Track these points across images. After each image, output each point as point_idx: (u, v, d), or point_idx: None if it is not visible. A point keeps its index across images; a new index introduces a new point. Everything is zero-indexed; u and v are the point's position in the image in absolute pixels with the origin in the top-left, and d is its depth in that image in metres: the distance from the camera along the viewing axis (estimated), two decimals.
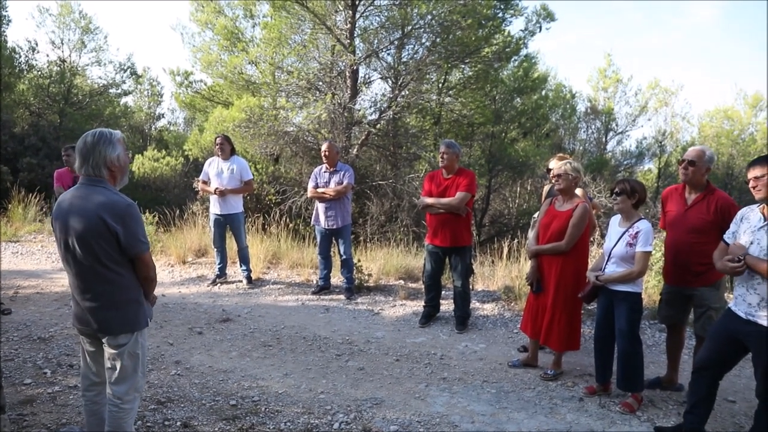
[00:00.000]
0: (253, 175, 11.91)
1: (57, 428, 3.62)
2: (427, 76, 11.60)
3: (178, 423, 3.70)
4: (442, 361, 4.87)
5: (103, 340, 2.87)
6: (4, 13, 17.45)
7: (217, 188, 6.98)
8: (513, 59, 12.99)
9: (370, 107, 11.56)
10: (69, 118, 19.17)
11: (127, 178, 2.96)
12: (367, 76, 11.49)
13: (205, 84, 12.34)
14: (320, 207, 6.76)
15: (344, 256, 6.79)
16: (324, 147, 6.76)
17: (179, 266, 8.51)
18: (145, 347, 3.00)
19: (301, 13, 9.98)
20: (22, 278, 7.89)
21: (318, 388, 4.30)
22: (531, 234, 4.98)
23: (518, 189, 18.20)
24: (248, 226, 9.21)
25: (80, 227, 2.69)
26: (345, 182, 6.63)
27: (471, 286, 6.22)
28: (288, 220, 9.76)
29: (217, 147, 7.19)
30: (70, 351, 5.08)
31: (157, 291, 7.08)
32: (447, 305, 6.19)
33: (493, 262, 8.13)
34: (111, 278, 2.77)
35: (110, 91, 20.56)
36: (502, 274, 7.28)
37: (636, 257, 3.90)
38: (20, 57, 18.24)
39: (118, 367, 2.86)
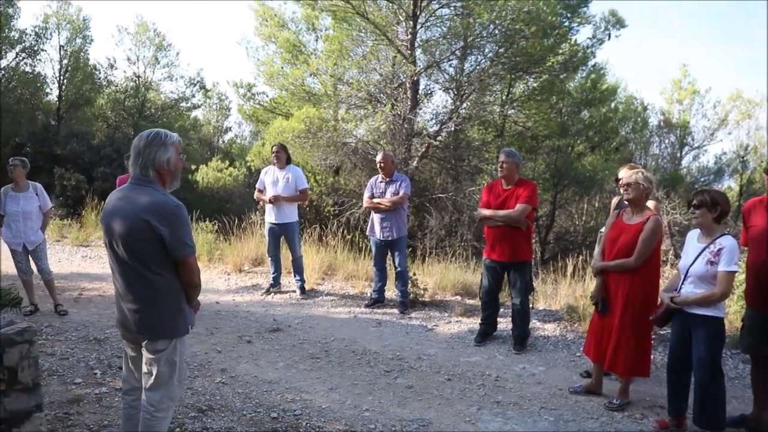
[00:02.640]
0: (312, 186, 12.05)
1: (99, 429, 3.59)
2: (490, 87, 11.32)
3: None
4: (497, 383, 4.56)
5: (143, 345, 2.80)
6: (87, 33, 18.57)
7: (272, 196, 6.99)
8: (580, 69, 12.49)
9: (431, 119, 11.39)
10: (141, 131, 20.10)
11: (178, 182, 2.88)
12: (428, 88, 11.34)
13: (267, 96, 12.61)
14: (376, 218, 6.61)
15: (399, 269, 6.59)
16: (379, 157, 6.62)
17: (235, 274, 8.57)
18: (184, 355, 2.91)
19: (362, 25, 9.98)
20: (87, 281, 8.16)
21: (363, 405, 4.10)
22: (597, 249, 4.61)
23: (585, 206, 17.46)
24: (305, 237, 9.20)
25: (123, 229, 2.64)
26: (401, 192, 6.45)
27: (531, 305, 5.86)
28: (346, 231, 9.68)
29: (273, 155, 7.21)
30: (121, 353, 5.04)
31: (212, 298, 7.22)
32: (505, 324, 5.85)
33: (556, 280, 7.71)
34: (154, 282, 2.70)
35: (181, 104, 21.41)
36: (566, 293, 6.86)
37: (718, 277, 3.49)
38: (100, 73, 19.33)
39: (154, 373, 2.78)
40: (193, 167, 14.08)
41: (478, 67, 11.17)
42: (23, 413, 2.77)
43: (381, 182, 6.62)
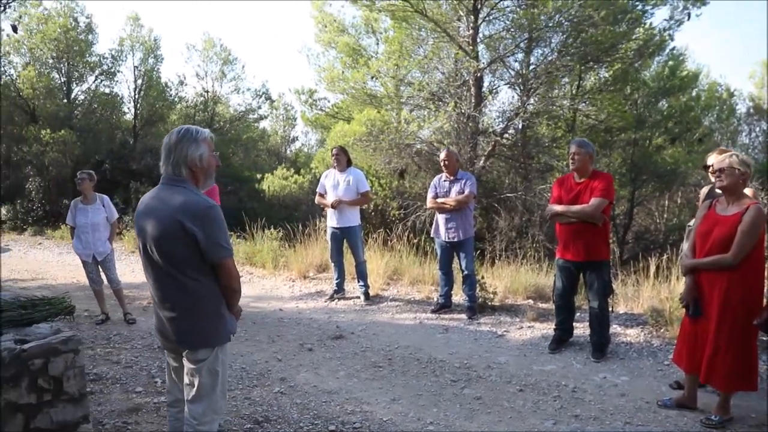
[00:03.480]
0: (376, 190, 11.90)
1: None
2: (558, 80, 10.75)
3: None
4: (575, 395, 4.16)
5: (183, 355, 2.66)
6: (158, 53, 19.42)
7: (333, 200, 6.86)
8: (656, 56, 11.67)
9: (497, 117, 10.97)
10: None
11: (212, 180, 2.74)
12: (492, 84, 10.93)
13: (329, 101, 12.61)
14: (440, 218, 6.32)
15: (466, 272, 6.27)
16: (442, 155, 6.34)
17: (300, 281, 8.50)
18: (227, 364, 2.75)
19: (421, 23, 9.74)
20: None
21: (427, 418, 3.82)
22: (685, 245, 4.11)
23: (666, 202, 16.40)
24: (370, 242, 9.03)
25: (157, 230, 2.50)
26: (466, 191, 6.14)
27: (610, 308, 5.37)
28: (412, 235, 9.44)
29: (333, 158, 7.09)
30: None
31: (276, 305, 7.15)
32: (582, 329, 5.40)
33: (637, 281, 7.11)
34: (190, 287, 2.54)
35: (248, 116, 21.94)
36: (649, 295, 6.28)
37: None
38: (171, 90, 20.14)
39: (196, 384, 2.62)
40: (259, 176, 14.29)
41: (544, 60, 10.65)
42: (70, 424, 2.72)
43: (445, 181, 6.33)
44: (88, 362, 5.08)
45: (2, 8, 7.41)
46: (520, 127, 10.84)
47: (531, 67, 10.87)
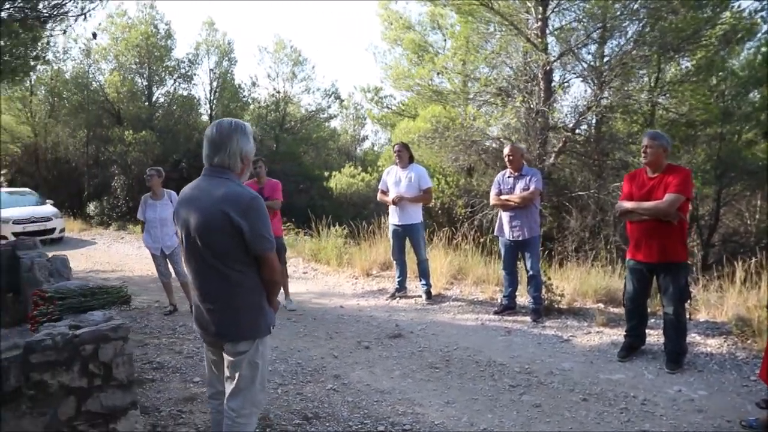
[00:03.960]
0: (443, 188, 11.73)
1: (205, 429, 3.55)
2: (635, 72, 10.14)
3: None
4: (644, 408, 3.85)
5: (224, 347, 2.64)
6: (232, 55, 20.14)
7: (395, 197, 6.78)
8: (746, 42, 10.77)
9: (569, 111, 10.50)
10: (282, 143, 21.23)
11: (246, 177, 2.74)
12: (563, 78, 10.48)
13: (395, 99, 12.55)
14: (504, 216, 6.09)
15: (531, 272, 6.00)
16: (507, 150, 6.11)
17: (363, 278, 8.49)
18: (267, 357, 2.72)
19: (488, 17, 9.47)
20: None
21: (481, 423, 3.65)
22: None
23: (758, 202, 15.19)
24: (435, 240, 8.89)
25: (201, 221, 2.49)
26: (532, 188, 5.88)
27: (688, 315, 4.96)
28: (479, 234, 9.22)
29: (395, 155, 7.00)
30: None
31: (337, 302, 7.15)
32: (656, 336, 5.03)
33: (721, 287, 6.56)
34: (233, 278, 2.53)
35: (318, 116, 22.29)
36: (735, 302, 5.77)
37: None
38: (244, 91, 20.80)
39: (235, 377, 2.61)
40: (326, 174, 14.46)
41: (620, 51, 10.08)
42: (119, 410, 2.77)
43: (509, 177, 6.10)
44: (153, 351, 5.28)
45: (83, 17, 7.87)
46: (593, 122, 10.33)
47: (605, 59, 10.33)
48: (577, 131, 10.04)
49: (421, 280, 7.07)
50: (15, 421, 2.58)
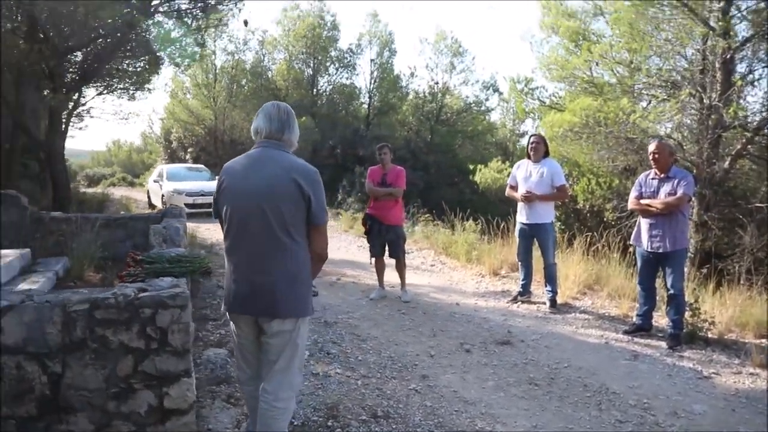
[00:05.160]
0: (593, 188, 10.72)
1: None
2: None
3: None
4: None
5: (264, 326, 2.53)
6: (393, 46, 20.45)
7: (523, 193, 6.26)
8: None
9: (754, 109, 8.91)
10: (437, 134, 21.12)
11: None
12: (749, 68, 8.86)
13: (546, 90, 11.68)
14: (643, 223, 5.29)
15: (672, 291, 5.13)
16: (651, 147, 5.28)
17: (489, 277, 8.04)
18: (305, 339, 2.63)
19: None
20: (350, 268, 8.66)
21: None
22: None
23: None
24: (574, 244, 8.11)
25: (271, 188, 2.46)
26: (679, 193, 5.01)
27: None
28: (628, 241, 8.22)
29: (530, 147, 6.45)
30: (338, 338, 5.11)
31: (454, 299, 6.81)
32: None
33: None
34: (293, 249, 2.50)
35: (475, 108, 21.81)
36: None
37: None
38: (402, 82, 21.02)
39: (274, 359, 2.52)
40: (471, 167, 14.05)
41: None
42: (172, 375, 2.79)
43: (653, 179, 5.27)
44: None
45: (236, 7, 8.50)
46: None
47: None
48: (763, 132, 8.46)
49: (546, 286, 6.46)
50: (80, 370, 2.72)
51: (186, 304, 2.79)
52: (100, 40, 9.35)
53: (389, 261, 6.85)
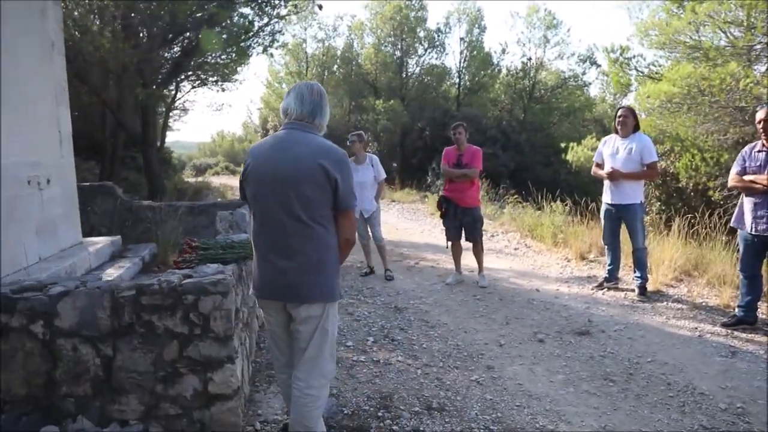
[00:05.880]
0: (697, 165, 9.75)
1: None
2: None
3: None
4: None
5: (292, 312, 2.47)
6: (482, 23, 19.72)
7: (608, 170, 5.79)
8: None
9: None
10: (530, 112, 20.23)
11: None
12: None
13: (644, 59, 10.64)
14: (747, 202, 4.70)
15: None
16: (761, 114, 4.63)
17: (575, 262, 7.57)
18: (335, 325, 2.54)
19: None
20: (430, 252, 8.51)
21: None
22: None
23: None
24: (673, 226, 7.42)
25: (296, 171, 2.39)
26: None
27: None
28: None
29: (617, 121, 5.92)
30: (406, 325, 5.01)
31: (535, 284, 6.50)
32: None
33: None
34: (318, 234, 2.42)
35: (571, 83, 20.66)
36: None
37: None
38: (493, 59, 20.27)
39: (303, 345, 2.47)
40: (563, 145, 13.28)
41: None
42: (215, 361, 2.82)
43: (760, 152, 4.65)
44: None
45: None
46: None
47: None
48: None
49: (635, 272, 5.96)
50: (129, 353, 2.80)
51: (228, 291, 2.79)
52: (186, 34, 9.76)
53: (467, 245, 6.62)
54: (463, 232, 6.50)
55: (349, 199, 2.46)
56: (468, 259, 6.89)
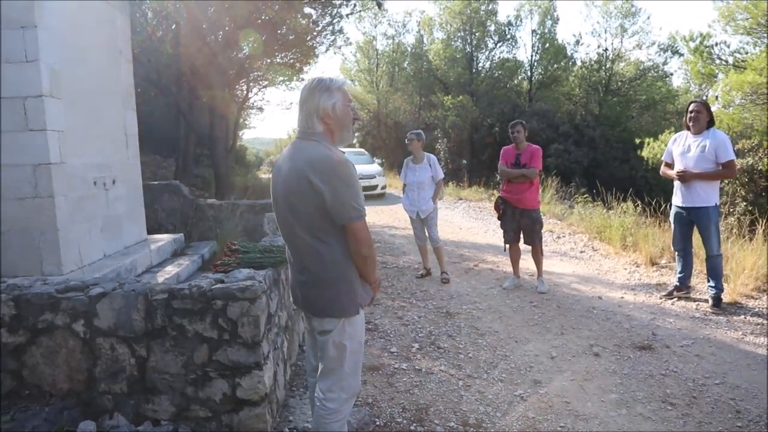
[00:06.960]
0: None
1: (362, 405, 3.40)
2: None
3: None
4: None
5: (312, 322, 2.49)
6: (554, 14, 18.96)
7: (678, 170, 5.38)
8: None
9: None
10: (606, 106, 19.29)
11: (349, 134, 2.44)
12: None
13: (727, 47, 9.76)
14: None
15: None
16: None
17: (644, 267, 7.11)
18: (357, 339, 2.42)
19: None
20: (491, 253, 8.27)
21: None
22: None
23: None
24: (757, 229, 6.82)
25: (285, 187, 2.33)
26: None
27: None
28: None
29: (689, 116, 5.48)
30: (454, 331, 4.87)
31: (598, 291, 6.16)
32: None
33: None
34: (318, 249, 2.32)
35: (651, 74, 19.52)
36: None
37: None
38: (567, 51, 19.46)
39: (323, 357, 2.41)
40: (638, 141, 12.56)
41: None
42: (243, 367, 2.85)
43: None
44: (379, 311, 5.36)
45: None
46: None
47: None
48: None
49: (709, 281, 5.51)
50: (161, 355, 2.86)
51: (256, 297, 2.79)
52: (251, 38, 9.98)
53: (526, 247, 6.37)
54: (521, 234, 6.26)
55: (344, 212, 2.25)
56: (528, 262, 6.62)
